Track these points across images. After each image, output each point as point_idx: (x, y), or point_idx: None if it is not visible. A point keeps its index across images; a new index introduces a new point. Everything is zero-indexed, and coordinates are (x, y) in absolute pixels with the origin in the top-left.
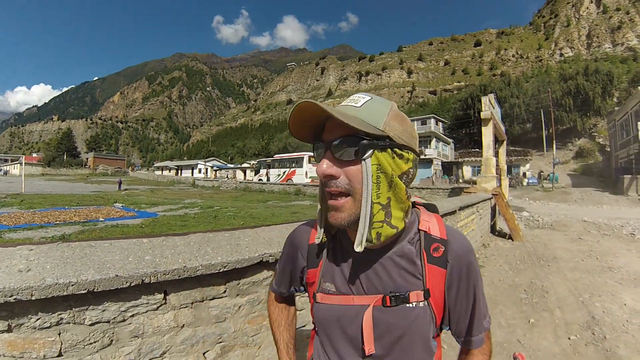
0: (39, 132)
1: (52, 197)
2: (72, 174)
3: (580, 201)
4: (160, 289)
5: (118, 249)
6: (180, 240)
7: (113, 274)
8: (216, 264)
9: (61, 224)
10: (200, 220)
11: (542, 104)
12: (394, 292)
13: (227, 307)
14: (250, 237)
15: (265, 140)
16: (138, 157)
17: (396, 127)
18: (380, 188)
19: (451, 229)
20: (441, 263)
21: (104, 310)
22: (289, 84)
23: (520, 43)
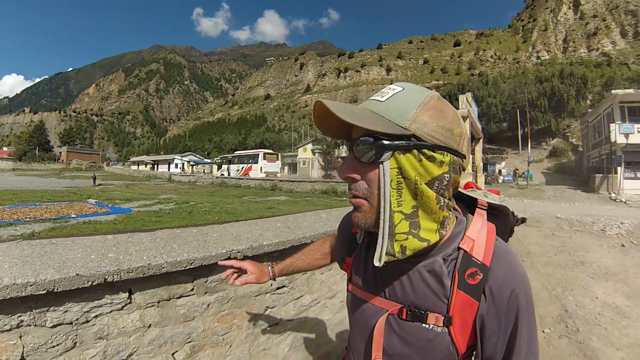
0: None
1: (23, 193)
2: (44, 168)
3: (554, 198)
4: (124, 287)
5: (80, 246)
6: (146, 236)
7: (74, 273)
8: (182, 261)
9: (31, 221)
10: (175, 216)
11: (519, 104)
12: (413, 306)
13: (195, 305)
14: (218, 232)
15: (243, 135)
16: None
17: (427, 123)
18: (403, 195)
19: (502, 253)
20: (474, 293)
21: (66, 311)
22: (267, 79)
23: (499, 45)
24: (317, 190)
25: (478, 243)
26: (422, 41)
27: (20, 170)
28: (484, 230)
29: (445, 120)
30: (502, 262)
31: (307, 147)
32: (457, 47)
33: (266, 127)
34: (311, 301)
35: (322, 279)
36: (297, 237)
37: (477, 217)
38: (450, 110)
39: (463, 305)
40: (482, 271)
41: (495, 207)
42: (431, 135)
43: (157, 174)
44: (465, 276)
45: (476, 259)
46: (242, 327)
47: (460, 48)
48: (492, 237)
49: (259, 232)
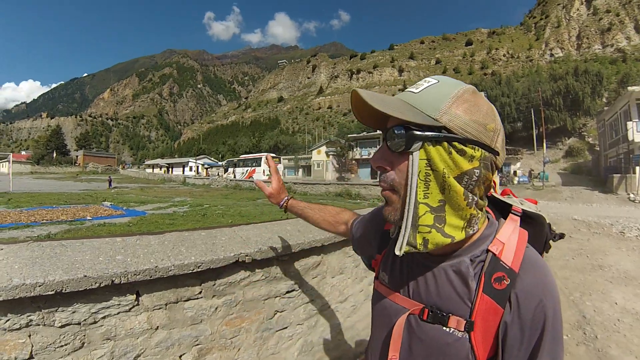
0: (28, 129)
1: (40, 196)
2: (61, 172)
3: (570, 199)
4: (132, 289)
5: (89, 248)
6: (154, 239)
7: (82, 275)
8: (189, 264)
9: (48, 223)
10: (189, 219)
11: (533, 103)
12: (435, 307)
13: (202, 308)
14: (227, 236)
15: (257, 138)
16: (129, 155)
17: (459, 115)
18: (430, 187)
19: (533, 261)
20: (499, 298)
21: (74, 311)
22: (280, 81)
23: (511, 43)
24: (331, 193)
25: (508, 247)
26: (434, 41)
27: (38, 173)
28: (515, 235)
29: (479, 114)
30: (532, 269)
31: (321, 149)
32: (469, 46)
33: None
34: (321, 305)
35: (333, 282)
36: (308, 240)
37: (510, 222)
38: (485, 104)
39: (487, 311)
40: (509, 276)
41: (530, 215)
42: (463, 128)
43: (172, 176)
44: (492, 280)
45: (505, 263)
46: (251, 330)
47: (472, 47)
48: (524, 243)
49: (268, 236)
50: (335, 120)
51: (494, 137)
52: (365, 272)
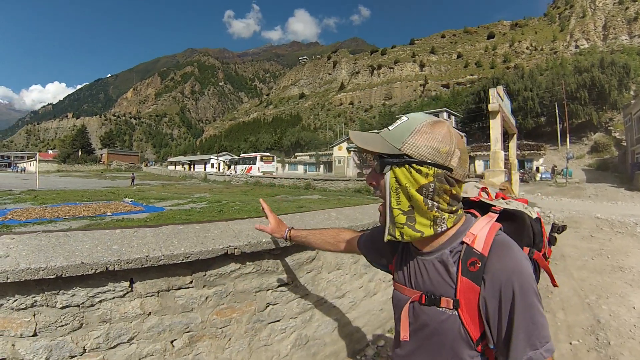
0: (54, 129)
1: (65, 193)
2: (86, 170)
3: (594, 197)
4: (126, 277)
5: (90, 238)
6: (150, 231)
7: (79, 261)
8: (179, 255)
9: (70, 219)
10: (205, 215)
11: (557, 97)
12: (430, 292)
13: (193, 297)
14: (220, 229)
15: (278, 135)
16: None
17: (416, 144)
18: (400, 197)
19: (500, 245)
20: (475, 279)
21: (74, 295)
22: (301, 77)
23: (535, 35)
24: (350, 189)
25: (479, 237)
26: (455, 35)
27: (64, 171)
28: (487, 227)
29: (433, 141)
30: (499, 252)
31: (342, 145)
32: (491, 39)
33: (301, 125)
34: (317, 300)
35: (329, 278)
36: None
37: (484, 218)
38: (441, 132)
39: (467, 290)
40: (480, 260)
41: (510, 212)
42: (419, 153)
43: (193, 173)
44: (468, 265)
45: (476, 250)
46: (242, 321)
47: (494, 40)
48: (493, 232)
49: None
50: (356, 116)
51: (447, 158)
52: (365, 269)
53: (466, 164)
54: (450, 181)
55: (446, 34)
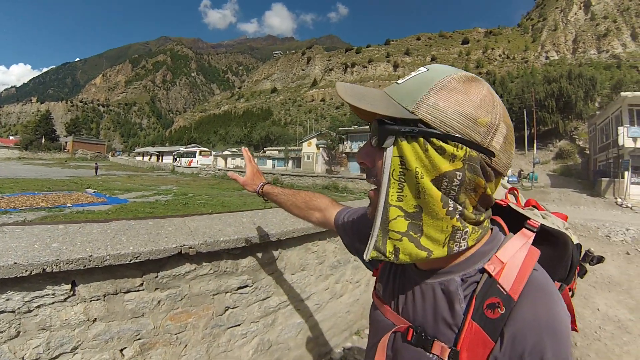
0: (17, 114)
1: (25, 182)
2: (50, 158)
3: (559, 201)
4: (67, 279)
5: (28, 234)
6: (98, 227)
7: (12, 262)
8: (126, 254)
9: (26, 210)
10: (170, 208)
11: (526, 104)
12: (421, 328)
13: (144, 301)
14: (175, 226)
15: (248, 128)
16: (119, 142)
17: (440, 107)
18: (404, 189)
19: (538, 288)
20: (490, 329)
21: (8, 299)
22: (274, 72)
23: (508, 44)
24: (318, 185)
25: (509, 268)
26: (430, 38)
27: (26, 159)
28: (521, 253)
29: (468, 105)
30: (535, 298)
31: (311, 141)
32: (466, 44)
33: (272, 120)
34: (279, 303)
35: (293, 279)
36: (261, 234)
37: (518, 237)
38: (479, 94)
39: (475, 341)
40: (505, 304)
41: (550, 232)
42: (443, 121)
43: (161, 165)
44: (484, 306)
45: (502, 287)
46: (199, 326)
47: (468, 46)
48: (531, 264)
49: (219, 228)
50: (327, 113)
51: (487, 134)
52: (331, 270)
53: (512, 148)
54: (487, 173)
55: (422, 36)
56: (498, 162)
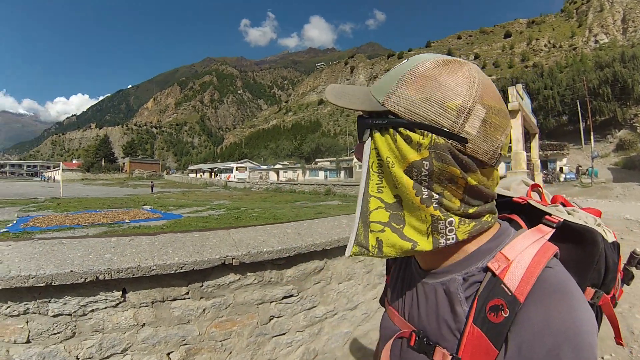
0: (79, 139)
1: (87, 201)
2: (109, 178)
3: (622, 197)
4: (118, 286)
5: (84, 246)
6: (146, 239)
7: (69, 269)
8: (172, 264)
9: (89, 226)
10: (222, 222)
11: (578, 94)
12: (423, 333)
13: (190, 309)
14: (219, 238)
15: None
16: (173, 161)
17: (405, 96)
18: (384, 181)
19: (550, 287)
20: (493, 335)
21: (65, 303)
22: (319, 84)
23: (552, 32)
24: None
25: (516, 265)
26: (471, 35)
27: (88, 180)
28: (532, 250)
29: (434, 90)
30: (545, 300)
31: None
32: (508, 38)
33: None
34: (326, 312)
35: (340, 289)
36: (306, 244)
37: (531, 233)
38: (451, 76)
39: (477, 349)
40: (510, 307)
41: (574, 228)
42: (410, 110)
43: (214, 180)
44: (487, 309)
45: (507, 287)
46: (243, 334)
47: (511, 39)
48: (542, 260)
49: (263, 239)
50: None
51: (458, 118)
52: (379, 279)
53: (499, 134)
54: (463, 161)
55: (462, 35)
56: (475, 148)
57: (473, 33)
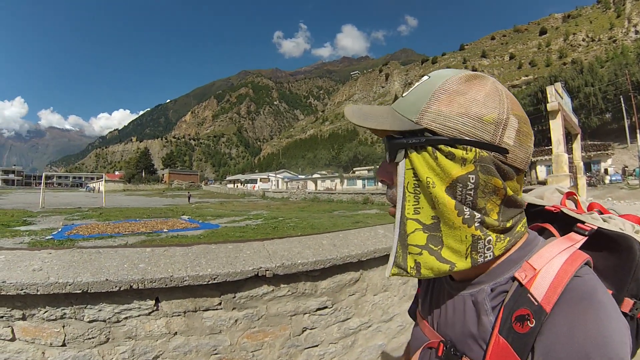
0: (120, 152)
1: (128, 210)
2: (149, 189)
3: None
4: (151, 295)
5: (120, 256)
6: (180, 250)
7: (104, 278)
8: (204, 276)
9: (129, 234)
10: (259, 232)
11: (622, 89)
12: (451, 344)
13: (222, 319)
14: (253, 249)
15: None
16: (211, 172)
17: (441, 112)
18: (420, 201)
19: (578, 296)
20: (519, 346)
21: (100, 310)
22: (354, 92)
23: (590, 25)
24: None
25: (544, 275)
26: (505, 35)
27: (129, 190)
28: (561, 257)
29: (470, 105)
30: (573, 309)
31: None
32: (544, 35)
33: (358, 140)
34: (360, 324)
35: (375, 300)
36: (341, 255)
37: (560, 241)
38: (481, 91)
39: (501, 359)
40: (536, 317)
41: (609, 235)
42: (449, 126)
43: (252, 191)
44: (513, 318)
45: (533, 297)
46: (275, 345)
47: (547, 36)
48: (571, 269)
49: (298, 250)
50: None
51: (497, 131)
52: (415, 290)
53: (529, 141)
54: (504, 171)
55: (496, 35)
56: (514, 158)
57: (507, 32)
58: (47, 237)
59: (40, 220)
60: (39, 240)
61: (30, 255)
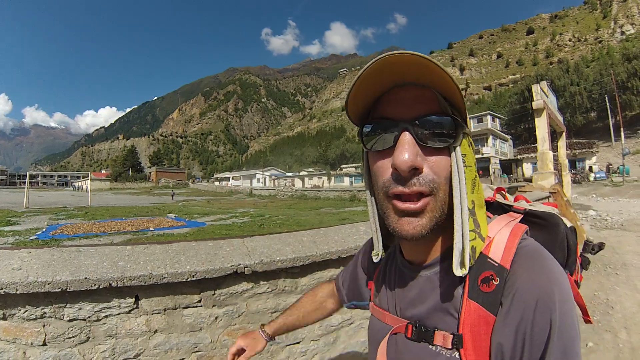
0: (107, 150)
1: (114, 209)
2: (136, 187)
3: None
4: (131, 293)
5: (100, 254)
6: (160, 248)
7: (83, 276)
8: (183, 273)
9: (114, 233)
10: (245, 229)
11: (606, 89)
12: (420, 322)
13: (202, 316)
14: (233, 246)
15: (323, 148)
16: (198, 170)
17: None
18: (467, 187)
19: (528, 253)
20: (489, 303)
21: (80, 309)
22: (342, 90)
23: (577, 25)
24: None
25: (497, 241)
26: (493, 34)
27: (116, 189)
28: (507, 229)
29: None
30: (528, 263)
31: None
32: (531, 34)
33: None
34: (342, 321)
35: None
36: (321, 252)
37: (503, 218)
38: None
39: (476, 320)
40: (499, 275)
41: (539, 214)
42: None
43: (239, 188)
44: (479, 282)
45: (492, 260)
46: None
47: (534, 36)
48: (518, 234)
49: (277, 247)
50: None
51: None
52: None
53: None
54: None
55: (484, 34)
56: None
57: (495, 31)
58: (31, 238)
59: (25, 220)
60: (22, 241)
61: (10, 254)
